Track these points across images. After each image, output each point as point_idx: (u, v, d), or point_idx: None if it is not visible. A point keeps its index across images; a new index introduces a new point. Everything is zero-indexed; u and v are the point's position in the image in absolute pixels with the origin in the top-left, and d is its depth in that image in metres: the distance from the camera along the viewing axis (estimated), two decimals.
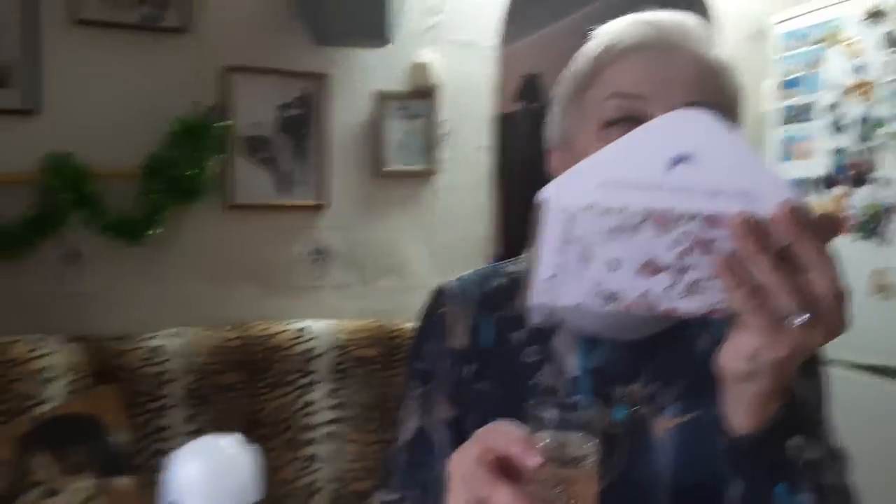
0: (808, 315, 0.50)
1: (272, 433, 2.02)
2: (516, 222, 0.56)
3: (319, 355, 2.10)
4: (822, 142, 2.34)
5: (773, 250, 0.50)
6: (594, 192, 0.51)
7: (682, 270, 0.53)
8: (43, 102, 1.99)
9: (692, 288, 0.53)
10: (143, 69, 2.08)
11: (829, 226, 0.51)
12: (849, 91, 2.24)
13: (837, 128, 2.29)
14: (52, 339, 1.82)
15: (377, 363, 2.15)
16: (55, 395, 1.73)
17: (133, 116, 2.06)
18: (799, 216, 0.50)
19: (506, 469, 0.57)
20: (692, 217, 0.51)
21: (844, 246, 2.26)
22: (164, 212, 2.04)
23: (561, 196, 0.52)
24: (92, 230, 2.00)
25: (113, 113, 2.05)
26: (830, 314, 0.51)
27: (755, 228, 0.50)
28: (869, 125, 2.19)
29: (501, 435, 0.58)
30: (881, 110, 2.15)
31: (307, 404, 2.07)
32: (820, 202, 2.32)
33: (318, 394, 2.09)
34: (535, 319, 0.79)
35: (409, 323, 2.13)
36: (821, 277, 0.50)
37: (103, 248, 2.04)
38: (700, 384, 0.77)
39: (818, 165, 2.35)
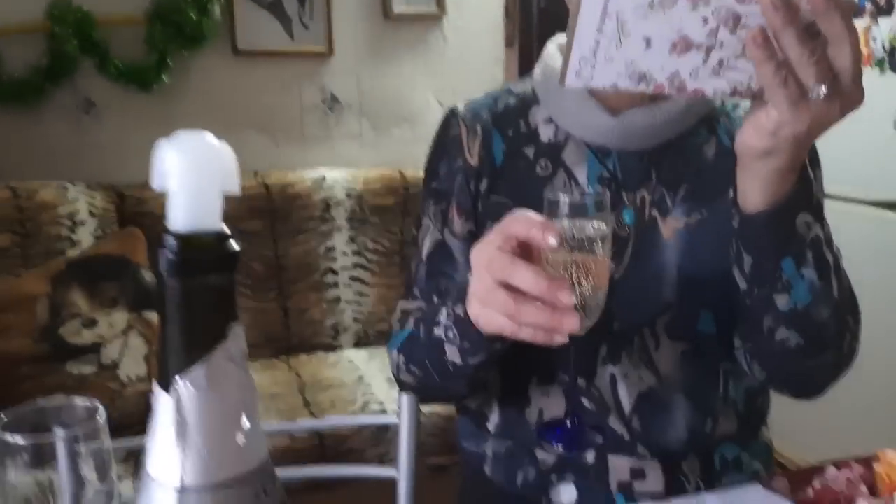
0: (828, 87, 0.53)
1: (297, 277, 2.09)
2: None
3: (337, 203, 2.14)
4: None
5: (800, 24, 0.52)
6: None
7: (711, 48, 0.54)
8: None
9: (719, 67, 0.55)
10: None
11: (849, 2, 0.54)
12: None
13: None
14: (75, 186, 1.86)
15: (394, 211, 2.19)
16: (84, 239, 1.79)
17: None
18: None
19: (525, 256, 0.61)
20: None
21: (868, 80, 2.18)
22: (171, 58, 2.02)
23: None
24: (103, 78, 2.00)
25: None
26: (848, 87, 0.54)
27: (784, 2, 0.51)
28: None
29: (521, 221, 0.61)
30: None
31: (328, 250, 2.13)
32: None
33: (339, 240, 2.14)
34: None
35: (423, 173, 2.14)
36: (842, 51, 0.53)
37: (116, 97, 2.04)
38: (707, 188, 0.79)
39: None
